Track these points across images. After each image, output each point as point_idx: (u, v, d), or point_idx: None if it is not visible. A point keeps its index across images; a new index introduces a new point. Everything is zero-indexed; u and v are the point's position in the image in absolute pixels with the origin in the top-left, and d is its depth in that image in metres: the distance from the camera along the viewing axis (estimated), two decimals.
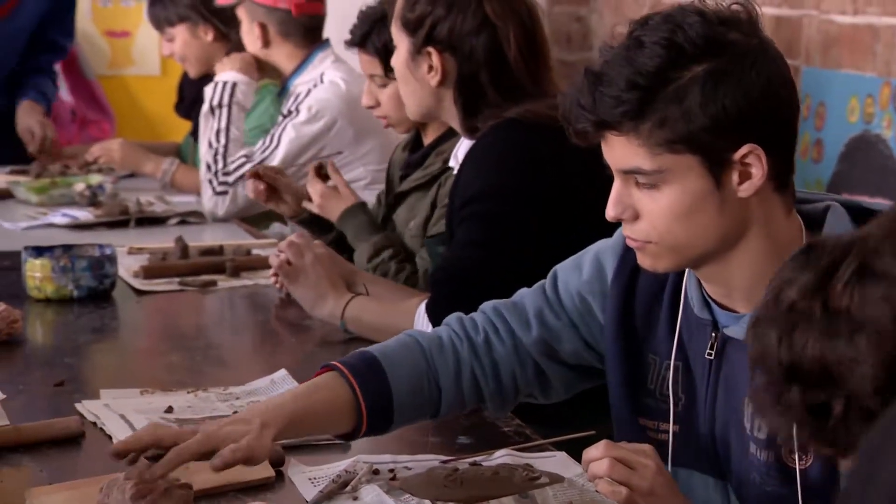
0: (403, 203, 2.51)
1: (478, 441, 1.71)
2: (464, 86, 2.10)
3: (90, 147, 3.68)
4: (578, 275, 1.63)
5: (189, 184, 3.39)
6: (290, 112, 3.08)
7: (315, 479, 1.56)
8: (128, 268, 2.57)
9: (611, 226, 2.09)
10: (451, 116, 2.15)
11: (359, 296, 2.20)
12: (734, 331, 1.46)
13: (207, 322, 2.45)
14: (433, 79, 2.11)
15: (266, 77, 3.32)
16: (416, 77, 2.13)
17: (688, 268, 1.49)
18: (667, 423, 1.54)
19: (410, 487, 1.49)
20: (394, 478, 1.54)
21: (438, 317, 2.05)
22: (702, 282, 1.50)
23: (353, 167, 3.08)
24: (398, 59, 2.15)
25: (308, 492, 1.53)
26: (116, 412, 1.77)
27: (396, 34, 2.14)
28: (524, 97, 2.08)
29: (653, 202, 1.42)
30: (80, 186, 3.21)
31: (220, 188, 3.06)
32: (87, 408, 1.79)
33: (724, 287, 1.47)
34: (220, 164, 3.09)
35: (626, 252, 1.56)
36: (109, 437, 1.69)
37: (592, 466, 1.40)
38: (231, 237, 2.84)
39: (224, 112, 3.13)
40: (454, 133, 2.47)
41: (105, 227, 2.99)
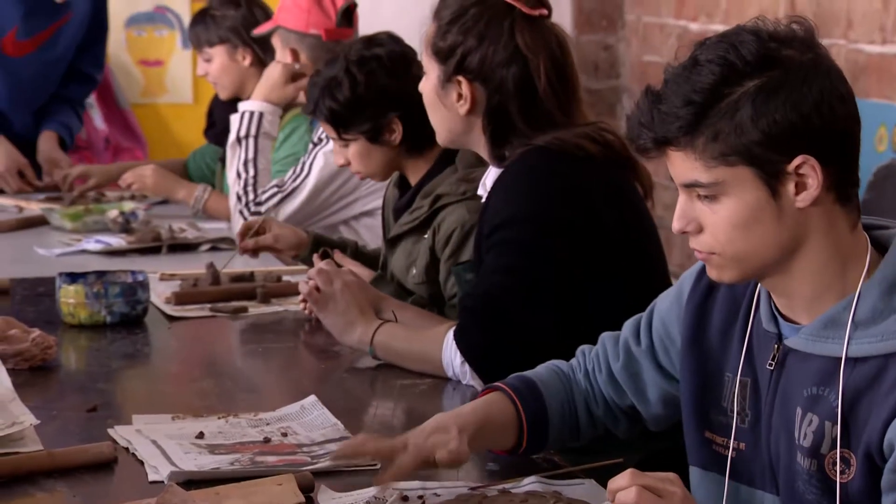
0: (398, 248, 2.54)
1: (506, 468, 1.72)
2: (493, 115, 2.11)
3: (120, 166, 3.72)
4: (665, 300, 1.70)
5: (221, 210, 3.43)
6: (321, 140, 3.11)
7: None
8: (160, 294, 2.59)
9: (639, 254, 2.11)
10: (479, 144, 2.16)
11: (387, 322, 2.22)
12: (794, 342, 1.50)
13: (238, 348, 2.47)
14: (462, 107, 2.12)
15: (299, 105, 3.36)
16: (446, 104, 2.14)
17: (754, 279, 1.53)
18: (728, 439, 1.57)
19: None
20: None
21: (466, 343, 2.07)
22: (770, 294, 1.54)
23: (381, 194, 3.11)
24: (427, 86, 2.16)
25: None
26: (148, 437, 1.78)
27: (427, 61, 2.16)
28: (553, 127, 2.10)
29: (713, 214, 1.47)
30: (114, 213, 3.25)
31: (253, 219, 3.09)
32: (120, 433, 1.81)
33: (788, 298, 1.51)
34: (252, 195, 3.12)
35: (703, 271, 1.60)
36: (141, 463, 1.71)
37: (619, 495, 1.41)
38: (262, 263, 2.86)
39: (251, 143, 3.17)
40: (437, 172, 2.50)
41: (137, 254, 3.02)
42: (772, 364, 1.52)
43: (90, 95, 4.15)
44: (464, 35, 2.11)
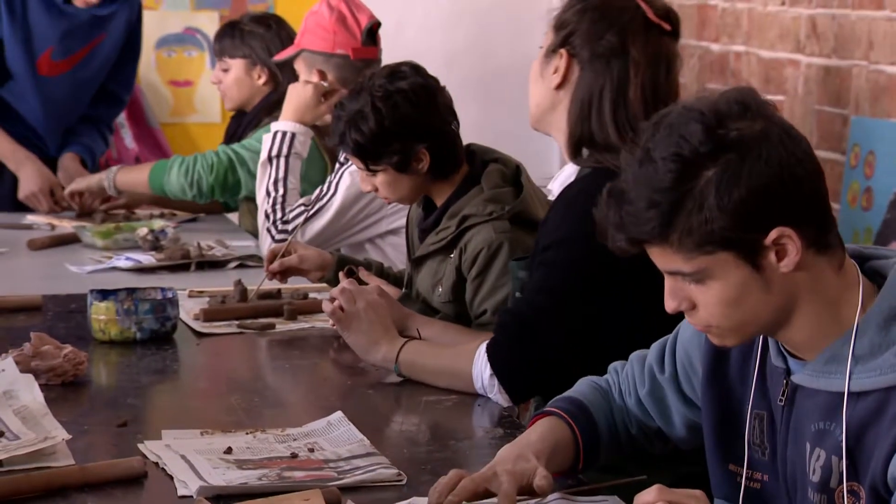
0: (424, 267, 2.55)
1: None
2: (580, 99, 2.09)
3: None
4: (688, 328, 1.70)
5: (130, 180, 3.60)
6: (348, 159, 3.14)
7: None
8: (188, 310, 2.62)
9: None
10: (560, 129, 2.13)
11: (412, 340, 2.23)
12: (800, 378, 1.51)
13: (265, 364, 2.49)
14: (554, 79, 2.11)
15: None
16: (543, 75, 2.14)
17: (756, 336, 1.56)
18: (753, 471, 1.59)
19: None
20: None
21: (497, 358, 2.08)
22: None
23: (406, 213, 3.13)
24: (538, 58, 2.17)
25: None
26: (177, 452, 1.80)
27: (547, 33, 2.16)
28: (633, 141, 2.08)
29: (703, 294, 1.49)
30: (143, 231, 3.28)
31: (280, 236, 3.12)
32: (150, 448, 1.83)
33: (789, 341, 1.53)
34: (280, 213, 3.15)
35: None
36: (171, 477, 1.73)
37: None
38: (289, 281, 2.86)
39: (282, 162, 3.20)
40: (463, 193, 2.50)
41: (167, 271, 3.05)
42: (782, 399, 1.54)
43: (119, 115, 4.17)
44: (581, 14, 2.10)
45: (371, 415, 2.04)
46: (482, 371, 2.09)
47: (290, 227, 3.12)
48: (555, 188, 2.15)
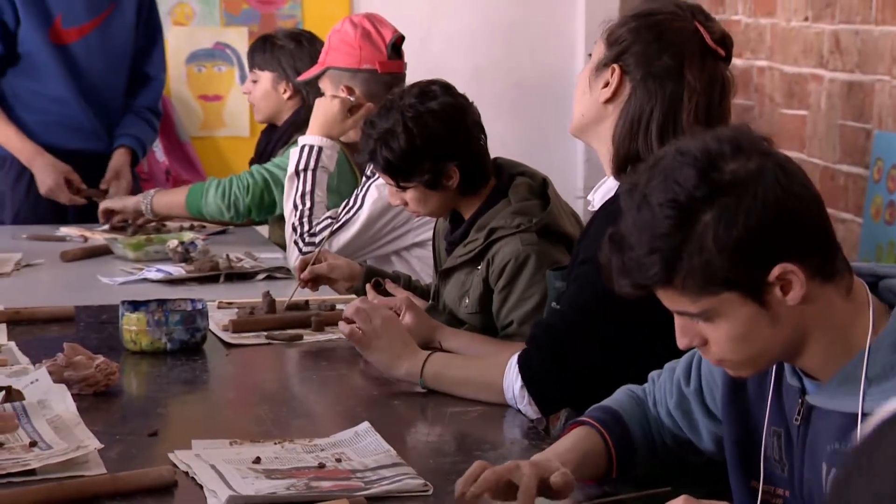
0: (451, 279, 2.57)
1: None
2: (629, 115, 2.07)
3: None
4: None
5: (166, 202, 3.61)
6: (374, 173, 3.17)
7: None
8: (218, 322, 2.64)
9: None
10: (603, 142, 2.12)
11: (435, 352, 2.24)
12: (815, 398, 1.52)
13: (293, 375, 2.51)
14: (604, 93, 2.10)
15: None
16: (592, 87, 2.12)
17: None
18: (775, 487, 1.60)
19: None
20: None
21: (528, 370, 2.08)
22: None
23: (432, 226, 3.16)
24: (585, 69, 2.16)
25: None
26: (207, 462, 1.82)
27: (597, 46, 2.15)
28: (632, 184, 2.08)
29: (713, 331, 1.51)
30: (174, 243, 3.31)
31: (307, 249, 3.15)
32: (180, 457, 1.85)
33: (804, 367, 1.54)
34: (307, 226, 3.18)
35: None
36: (200, 487, 1.75)
37: None
38: (317, 293, 2.90)
39: (309, 175, 3.23)
40: (490, 206, 2.52)
41: (196, 283, 3.08)
42: (798, 419, 1.55)
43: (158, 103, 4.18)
44: (637, 32, 2.09)
45: (397, 425, 2.06)
46: (513, 382, 2.10)
47: (317, 240, 3.15)
48: (595, 199, 2.14)
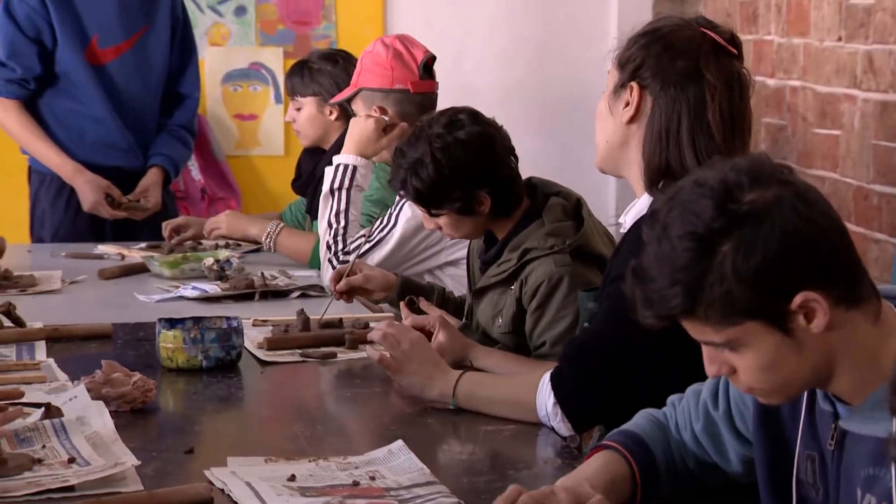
0: (484, 298, 2.59)
1: None
2: (655, 125, 2.05)
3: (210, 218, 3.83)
4: None
5: (291, 244, 3.53)
6: None
7: None
8: (253, 339, 2.66)
9: None
10: (633, 164, 2.09)
11: (466, 371, 2.25)
12: (848, 423, 1.52)
13: (327, 392, 2.52)
14: (626, 113, 2.08)
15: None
16: (613, 111, 2.10)
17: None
18: None
19: None
20: None
21: (561, 388, 2.09)
22: None
23: (466, 245, 3.17)
24: (603, 97, 2.14)
25: None
26: (243, 479, 1.83)
27: (609, 75, 2.14)
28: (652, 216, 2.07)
29: (740, 360, 1.51)
30: (209, 261, 3.33)
31: (342, 266, 3.17)
32: (216, 475, 1.86)
33: (835, 392, 1.54)
34: (341, 244, 3.20)
35: None
36: (236, 503, 1.77)
37: None
38: (350, 310, 2.91)
39: (344, 194, 3.25)
40: (524, 226, 2.53)
41: (232, 300, 3.09)
42: (832, 444, 1.55)
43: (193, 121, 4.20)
44: (647, 47, 2.08)
45: (431, 443, 2.07)
46: (546, 400, 2.10)
47: (351, 258, 3.17)
48: (627, 220, 2.14)
